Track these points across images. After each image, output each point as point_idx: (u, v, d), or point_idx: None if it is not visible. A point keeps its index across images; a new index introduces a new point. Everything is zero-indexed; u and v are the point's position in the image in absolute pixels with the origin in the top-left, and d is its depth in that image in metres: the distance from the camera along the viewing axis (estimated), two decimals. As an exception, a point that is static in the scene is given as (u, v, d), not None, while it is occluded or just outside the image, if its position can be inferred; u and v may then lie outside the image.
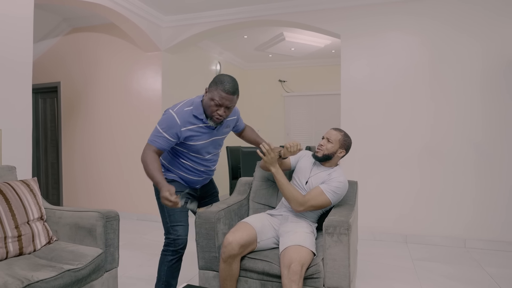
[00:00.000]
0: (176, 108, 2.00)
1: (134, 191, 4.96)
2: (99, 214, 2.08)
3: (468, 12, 3.69)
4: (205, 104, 1.97)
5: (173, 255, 2.10)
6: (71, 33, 5.34)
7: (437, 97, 3.81)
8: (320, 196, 2.04)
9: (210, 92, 1.92)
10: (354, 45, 4.08)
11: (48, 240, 2.08)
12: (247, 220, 2.10)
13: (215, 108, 1.93)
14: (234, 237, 1.91)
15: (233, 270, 1.95)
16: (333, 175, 2.12)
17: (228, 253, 1.90)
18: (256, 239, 2.01)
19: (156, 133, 1.96)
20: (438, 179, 3.81)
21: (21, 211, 2.00)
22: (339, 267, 1.82)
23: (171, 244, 2.11)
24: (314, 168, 2.23)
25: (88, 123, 5.20)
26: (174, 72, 5.10)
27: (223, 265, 1.94)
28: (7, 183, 2.06)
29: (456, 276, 2.94)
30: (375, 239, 3.99)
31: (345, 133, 2.22)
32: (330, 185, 2.07)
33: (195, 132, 2.00)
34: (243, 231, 1.97)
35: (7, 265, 1.75)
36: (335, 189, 2.06)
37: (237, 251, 1.91)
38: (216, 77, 1.95)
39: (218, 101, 1.90)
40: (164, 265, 2.11)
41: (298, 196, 2.04)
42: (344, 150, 2.19)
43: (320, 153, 2.18)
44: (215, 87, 1.90)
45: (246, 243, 1.94)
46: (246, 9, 4.35)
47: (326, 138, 2.20)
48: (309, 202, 2.03)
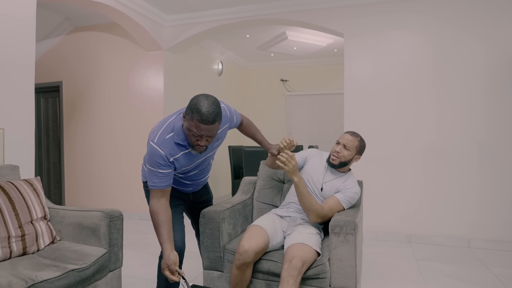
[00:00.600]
0: (156, 139, 1.74)
1: (135, 190, 4.94)
2: (103, 213, 2.07)
3: (472, 11, 3.67)
4: (185, 132, 1.72)
5: None
6: (73, 32, 5.33)
7: (441, 96, 3.79)
8: (337, 206, 2.04)
9: (187, 121, 1.63)
10: (357, 44, 4.06)
11: (51, 239, 2.06)
12: (261, 224, 2.02)
13: (195, 139, 1.67)
14: (250, 245, 1.85)
15: (245, 276, 1.91)
16: (348, 184, 2.11)
17: (243, 261, 1.85)
18: (268, 244, 1.98)
19: (150, 174, 1.77)
20: (442, 178, 3.79)
21: (25, 211, 1.98)
22: (345, 267, 1.80)
23: None
24: (327, 173, 2.17)
25: (90, 123, 5.18)
26: (176, 71, 5.08)
27: (236, 271, 1.89)
28: (10, 183, 2.05)
29: (461, 276, 2.92)
30: (379, 239, 3.97)
31: (361, 138, 2.16)
32: (345, 195, 2.07)
33: (181, 159, 1.81)
34: (258, 238, 1.91)
35: (10, 264, 1.74)
36: (350, 199, 2.07)
37: (252, 259, 1.87)
38: (191, 101, 1.62)
39: (196, 132, 1.62)
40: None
41: (318, 208, 1.97)
42: (359, 156, 2.17)
43: (336, 161, 2.11)
44: (190, 116, 1.60)
45: (261, 250, 1.91)
46: (249, 8, 4.33)
47: (342, 145, 2.10)
48: (328, 215, 2.01)
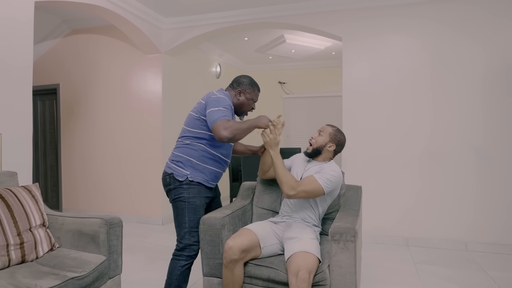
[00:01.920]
0: (217, 93, 2.14)
1: (134, 193, 4.93)
2: (102, 220, 2.06)
3: (470, 15, 3.69)
4: (242, 103, 2.24)
5: (187, 260, 2.09)
6: (71, 35, 5.31)
7: (438, 99, 3.81)
8: (313, 182, 2.01)
9: (249, 94, 2.24)
10: (355, 48, 4.07)
11: (50, 247, 2.05)
12: (248, 227, 2.09)
13: (252, 105, 2.28)
14: (234, 242, 1.90)
15: (235, 276, 1.92)
16: (325, 166, 2.13)
17: (229, 258, 1.89)
18: (258, 245, 1.99)
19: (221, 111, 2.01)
20: (439, 182, 3.81)
21: (23, 218, 1.97)
22: (345, 274, 1.80)
23: (186, 249, 2.10)
24: (307, 164, 2.24)
25: (88, 125, 5.17)
26: (175, 74, 5.08)
27: (225, 270, 1.92)
28: (8, 189, 2.04)
29: (458, 279, 2.93)
30: (377, 242, 3.98)
31: (337, 129, 2.24)
32: (323, 174, 2.05)
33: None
34: (244, 236, 1.96)
35: (9, 273, 1.73)
36: (329, 177, 2.04)
37: (238, 256, 1.89)
38: (246, 80, 2.26)
39: (256, 99, 2.29)
40: (177, 270, 2.08)
41: (291, 179, 2.00)
42: (334, 144, 2.18)
43: (309, 148, 2.20)
44: (252, 89, 2.25)
45: (247, 248, 1.92)
46: (247, 11, 4.33)
47: (318, 131, 2.23)
48: (301, 187, 1.99)
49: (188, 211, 2.08)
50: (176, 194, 2.11)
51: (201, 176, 2.13)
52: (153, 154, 4.82)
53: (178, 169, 2.13)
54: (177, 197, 2.11)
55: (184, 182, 2.10)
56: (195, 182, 2.11)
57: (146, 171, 4.85)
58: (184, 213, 2.09)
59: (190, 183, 2.10)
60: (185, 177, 2.10)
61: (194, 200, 2.10)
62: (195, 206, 2.10)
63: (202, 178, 2.13)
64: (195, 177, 2.11)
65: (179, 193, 2.10)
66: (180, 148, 2.16)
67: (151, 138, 4.83)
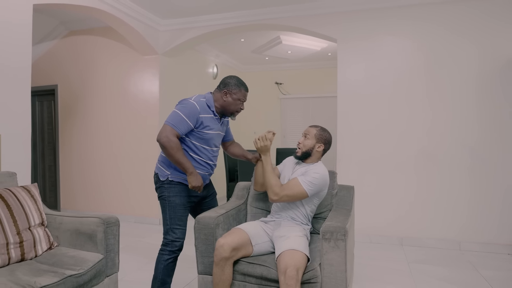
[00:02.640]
0: (193, 98, 2.22)
1: (132, 193, 4.97)
2: (100, 220, 2.11)
3: (463, 16, 3.75)
4: (229, 104, 2.26)
5: (169, 255, 2.22)
6: (68, 36, 5.35)
7: (432, 101, 3.86)
8: (296, 186, 2.07)
9: (235, 94, 2.26)
10: (350, 49, 4.12)
11: (49, 245, 2.10)
12: (239, 226, 2.15)
13: (239, 105, 2.30)
14: (225, 240, 1.95)
15: (225, 274, 1.97)
16: (310, 168, 2.18)
17: (220, 256, 1.93)
18: (249, 243, 2.05)
19: (178, 119, 2.10)
20: (433, 182, 3.87)
21: (23, 217, 2.02)
22: (336, 272, 1.85)
23: (168, 245, 2.22)
24: (296, 166, 2.29)
25: (86, 126, 5.21)
26: (172, 75, 5.12)
27: (215, 268, 1.97)
28: (8, 189, 2.08)
29: (452, 278, 2.99)
30: (372, 241, 4.04)
31: (321, 128, 2.29)
32: (306, 177, 2.11)
33: (209, 121, 2.23)
34: (234, 235, 2.02)
35: (9, 271, 1.78)
36: (312, 180, 2.09)
37: (229, 254, 1.94)
38: (233, 80, 2.28)
39: (243, 99, 2.30)
40: (161, 264, 2.21)
41: (276, 185, 2.09)
42: (322, 144, 2.24)
43: (299, 152, 2.25)
44: (238, 89, 2.27)
45: (237, 246, 1.97)
46: (244, 13, 4.38)
47: (303, 135, 2.28)
48: (284, 192, 2.07)
49: (169, 209, 2.21)
50: (159, 192, 2.26)
51: (181, 176, 2.22)
52: (150, 154, 4.86)
53: (161, 170, 2.26)
54: (160, 196, 2.26)
55: (165, 182, 2.22)
56: (175, 181, 2.21)
57: (144, 171, 4.89)
58: (165, 211, 2.22)
59: (170, 182, 2.21)
60: (166, 177, 2.22)
61: (174, 198, 2.21)
62: (174, 204, 2.21)
63: (182, 178, 2.22)
64: (176, 178, 2.21)
65: (161, 191, 2.24)
66: None
67: (148, 138, 4.87)
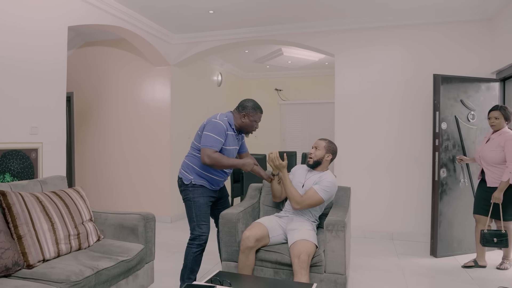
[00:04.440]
0: (218, 117, 2.59)
1: (142, 196, 5.36)
2: (140, 216, 2.54)
3: (445, 37, 4.23)
4: (246, 125, 2.67)
5: (197, 247, 2.61)
6: (83, 47, 5.74)
7: (418, 110, 4.33)
8: (314, 196, 2.50)
9: (252, 116, 2.66)
10: (346, 63, 4.59)
11: (97, 237, 2.52)
12: (260, 220, 2.58)
13: (255, 126, 2.71)
14: (250, 233, 2.39)
15: (249, 260, 2.40)
16: (323, 177, 2.60)
17: (246, 245, 2.37)
18: (268, 235, 2.48)
19: (212, 139, 2.50)
20: (420, 182, 4.33)
21: (77, 214, 2.43)
22: (337, 257, 2.30)
23: (196, 239, 2.61)
24: (308, 173, 2.71)
25: (99, 132, 5.58)
26: (181, 84, 5.53)
27: (241, 255, 2.40)
28: (63, 191, 2.50)
29: (435, 267, 3.45)
30: (365, 236, 4.50)
31: (329, 141, 2.72)
32: (321, 185, 2.53)
33: (230, 137, 2.61)
34: (257, 228, 2.45)
35: (73, 257, 2.19)
36: (325, 188, 2.52)
37: (253, 244, 2.37)
38: (250, 103, 2.67)
39: (258, 120, 2.70)
40: (190, 255, 2.61)
41: (297, 196, 2.51)
42: (330, 154, 2.67)
43: (311, 160, 2.67)
44: (255, 112, 2.66)
45: (259, 238, 2.41)
46: (249, 29, 4.81)
47: (314, 147, 2.70)
48: (305, 202, 2.50)
49: (195, 208, 2.60)
50: (184, 195, 2.66)
51: (202, 181, 2.64)
52: (163, 157, 5.27)
53: (185, 174, 2.66)
54: (185, 197, 2.66)
55: (189, 185, 2.62)
56: (198, 185, 2.62)
57: (156, 174, 5.30)
58: (191, 210, 2.62)
59: (194, 185, 2.62)
60: (190, 181, 2.62)
61: (198, 199, 2.61)
62: (199, 204, 2.61)
63: (203, 182, 2.63)
64: (198, 182, 2.62)
65: (186, 194, 2.64)
66: (188, 157, 2.70)
67: (160, 143, 5.28)
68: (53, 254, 2.15)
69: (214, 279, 1.95)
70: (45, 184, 2.53)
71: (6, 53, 2.93)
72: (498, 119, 3.24)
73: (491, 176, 3.25)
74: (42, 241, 2.11)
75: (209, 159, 2.46)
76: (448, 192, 3.75)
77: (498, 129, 3.26)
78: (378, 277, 3.20)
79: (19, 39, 3.04)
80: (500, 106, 3.28)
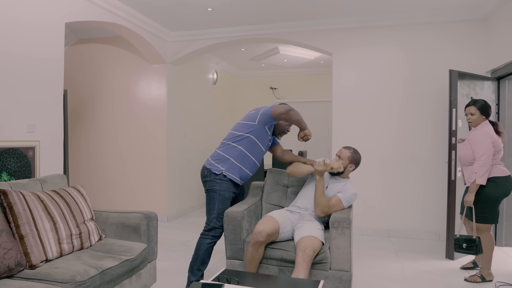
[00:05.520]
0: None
1: (140, 194, 5.32)
2: (143, 214, 2.50)
3: (440, 36, 4.27)
4: (281, 125, 2.78)
5: (212, 239, 2.59)
6: (78, 44, 5.65)
7: (414, 107, 4.37)
8: (338, 204, 2.55)
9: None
10: (344, 62, 4.60)
11: (99, 237, 2.48)
12: (273, 215, 2.54)
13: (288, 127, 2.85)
14: (263, 227, 2.36)
15: (258, 254, 2.39)
16: (347, 187, 2.63)
17: (257, 239, 2.34)
18: (278, 231, 2.46)
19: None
20: (417, 181, 4.37)
21: (78, 213, 2.39)
22: (342, 254, 2.30)
23: (212, 230, 2.59)
24: (331, 178, 2.73)
25: (94, 130, 5.52)
26: (177, 82, 5.49)
27: (250, 248, 2.38)
28: (64, 189, 2.45)
29: (432, 264, 3.49)
30: (363, 234, 4.52)
31: (354, 150, 2.70)
32: (345, 195, 2.57)
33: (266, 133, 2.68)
34: (270, 223, 2.42)
35: (76, 256, 2.15)
36: (349, 198, 2.58)
37: (265, 239, 2.35)
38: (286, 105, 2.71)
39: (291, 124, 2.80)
40: (203, 246, 2.59)
41: (326, 206, 2.53)
42: (353, 164, 2.68)
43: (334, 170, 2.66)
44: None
45: (271, 233, 2.39)
46: (246, 28, 4.79)
47: (337, 156, 2.69)
48: (331, 210, 2.54)
49: (218, 201, 2.58)
50: (210, 185, 2.61)
51: (233, 173, 2.61)
52: (159, 156, 5.22)
53: (215, 165, 2.62)
54: (210, 188, 2.61)
55: (218, 177, 2.58)
56: (227, 178, 2.59)
57: (152, 172, 5.25)
58: (214, 202, 2.59)
59: (223, 178, 2.58)
60: (221, 172, 2.59)
61: (224, 192, 2.59)
62: (224, 197, 2.60)
63: (233, 175, 2.61)
64: (228, 173, 2.59)
65: (213, 185, 2.60)
66: (222, 148, 2.66)
67: (156, 141, 5.24)
68: (56, 254, 2.11)
69: (221, 277, 1.94)
70: (45, 183, 2.48)
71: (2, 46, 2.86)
72: (474, 115, 3.05)
73: (466, 175, 3.12)
74: (44, 240, 2.07)
75: (287, 105, 2.51)
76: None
77: (476, 125, 3.07)
78: (378, 274, 3.22)
79: (16, 32, 2.97)
80: (475, 100, 3.10)
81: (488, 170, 2.90)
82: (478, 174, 2.90)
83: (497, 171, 2.95)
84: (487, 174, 2.90)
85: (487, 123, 3.05)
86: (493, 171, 2.94)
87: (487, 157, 2.88)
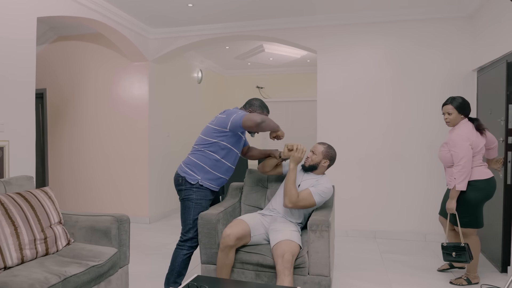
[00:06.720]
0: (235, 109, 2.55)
1: (123, 194, 5.18)
2: (114, 218, 2.38)
3: (428, 33, 4.22)
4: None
5: (188, 250, 2.48)
6: (57, 41, 5.49)
7: (400, 107, 4.31)
8: (309, 198, 2.41)
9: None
10: (329, 60, 4.52)
11: (67, 241, 2.35)
12: (242, 218, 2.47)
13: None
14: (231, 231, 2.27)
15: (229, 259, 2.29)
16: (321, 181, 2.52)
17: (226, 244, 2.25)
18: (249, 234, 2.37)
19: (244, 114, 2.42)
20: (401, 182, 4.31)
21: (44, 217, 2.26)
22: (321, 258, 2.21)
23: (189, 241, 2.48)
24: (304, 174, 2.63)
25: (76, 129, 5.37)
26: (160, 81, 5.36)
27: (220, 254, 2.29)
28: (29, 192, 2.32)
29: (417, 265, 3.42)
30: (348, 235, 4.45)
31: (328, 146, 2.61)
32: (317, 188, 2.45)
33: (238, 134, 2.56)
34: (239, 226, 2.34)
35: (38, 263, 2.03)
36: (321, 193, 2.44)
37: (233, 243, 2.26)
38: (257, 102, 2.65)
39: None
40: (179, 257, 2.47)
41: (294, 194, 2.39)
42: (327, 160, 2.58)
43: (306, 163, 2.60)
44: (261, 111, 2.63)
45: (241, 236, 2.30)
46: (230, 25, 4.69)
47: (311, 151, 2.60)
48: (300, 202, 2.40)
49: (194, 210, 2.47)
50: (186, 194, 2.49)
51: (210, 182, 2.50)
52: (140, 156, 5.09)
53: (190, 173, 2.49)
54: (186, 197, 2.49)
55: (195, 186, 2.47)
56: (204, 187, 2.48)
57: (134, 173, 5.12)
58: (190, 211, 2.47)
59: (200, 187, 2.47)
60: (196, 181, 2.47)
61: (200, 201, 2.48)
62: (200, 206, 2.49)
63: (210, 184, 2.50)
64: (205, 182, 2.48)
65: (188, 194, 2.48)
66: (195, 154, 2.52)
67: (138, 140, 5.10)
68: (16, 261, 1.98)
69: (191, 284, 1.83)
70: (9, 185, 2.35)
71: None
72: (451, 114, 2.86)
73: (447, 178, 2.95)
74: (3, 247, 1.94)
75: (259, 117, 2.34)
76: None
77: (454, 125, 2.89)
78: (362, 277, 3.14)
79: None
80: (452, 98, 2.89)
81: (467, 175, 2.74)
82: (458, 180, 2.74)
83: (477, 174, 2.79)
84: (467, 178, 2.75)
85: (466, 121, 2.86)
86: (473, 174, 2.78)
87: (466, 161, 2.71)
